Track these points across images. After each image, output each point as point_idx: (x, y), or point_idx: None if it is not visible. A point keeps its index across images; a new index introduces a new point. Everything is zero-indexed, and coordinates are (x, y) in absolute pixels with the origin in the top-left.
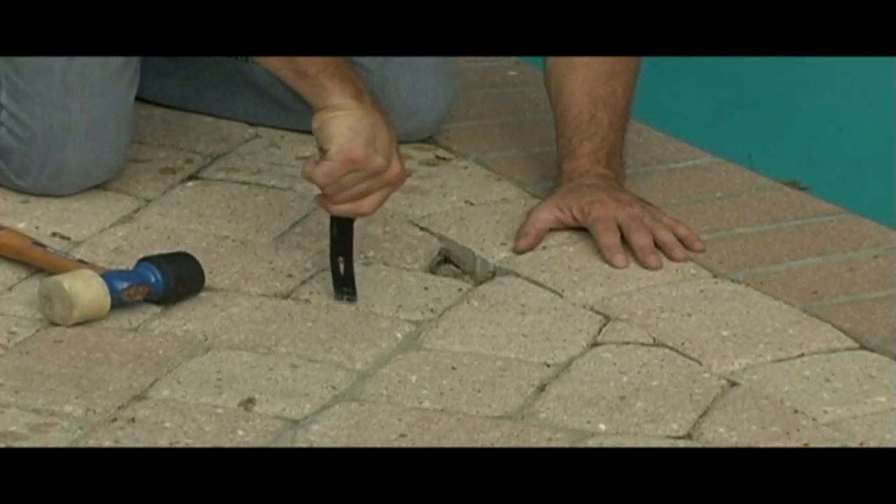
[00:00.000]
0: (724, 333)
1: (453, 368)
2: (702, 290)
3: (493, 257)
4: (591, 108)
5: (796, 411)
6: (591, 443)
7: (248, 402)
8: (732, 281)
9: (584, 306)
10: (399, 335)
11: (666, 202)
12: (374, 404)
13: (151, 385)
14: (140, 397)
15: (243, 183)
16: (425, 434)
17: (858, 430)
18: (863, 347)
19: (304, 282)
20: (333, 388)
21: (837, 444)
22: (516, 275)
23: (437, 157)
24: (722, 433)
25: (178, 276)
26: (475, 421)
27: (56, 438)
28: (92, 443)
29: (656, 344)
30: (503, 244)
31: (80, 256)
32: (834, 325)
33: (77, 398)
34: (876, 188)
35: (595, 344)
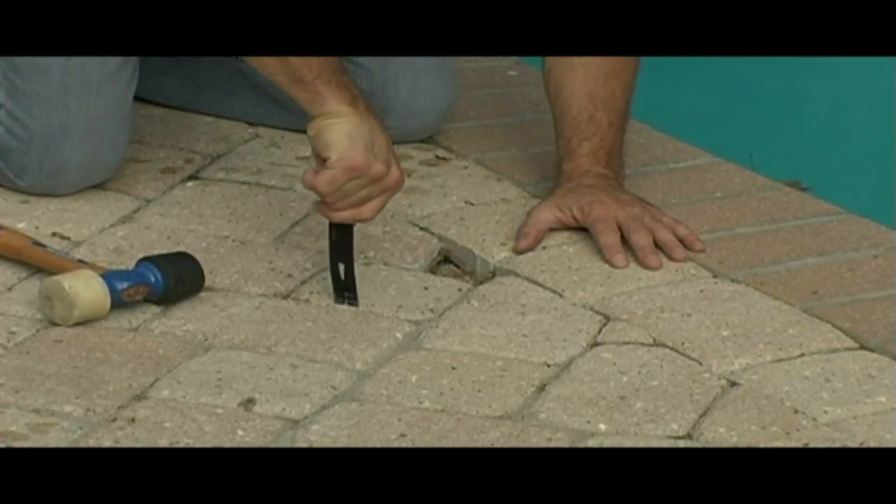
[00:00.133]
0: (724, 333)
1: (453, 368)
2: (702, 290)
3: (493, 257)
4: (590, 108)
5: (796, 411)
6: (591, 443)
7: (248, 402)
8: (732, 281)
9: (584, 306)
10: (399, 335)
11: (666, 202)
12: (374, 404)
13: (151, 385)
14: (140, 397)
15: (243, 183)
16: (425, 434)
17: (858, 430)
18: (863, 347)
19: (304, 282)
20: (333, 388)
21: (837, 444)
22: (516, 275)
23: (437, 157)
24: (722, 433)
25: (178, 276)
26: (475, 421)
27: (56, 438)
28: (92, 443)
29: (656, 344)
30: (503, 244)
31: (80, 256)
32: (834, 325)
33: (77, 398)
34: (876, 188)
35: (595, 344)
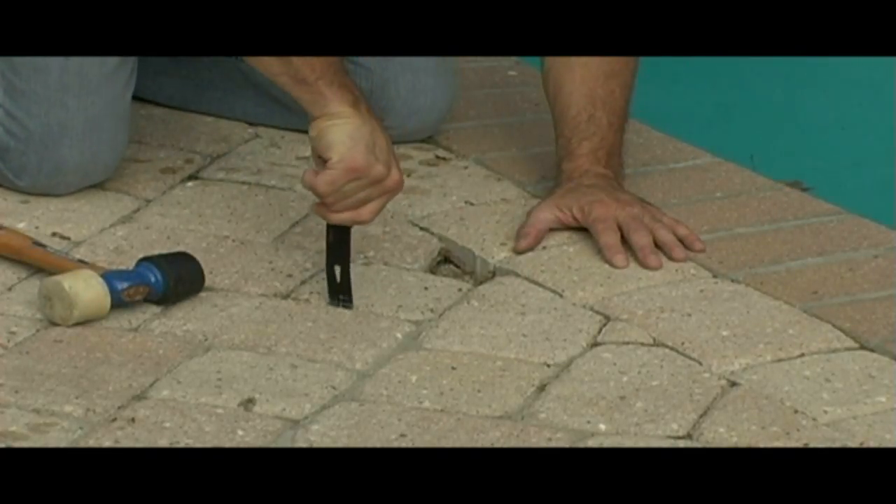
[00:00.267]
0: (724, 333)
1: (453, 368)
2: (702, 290)
3: (493, 257)
4: (589, 108)
5: (796, 411)
6: (591, 443)
7: (248, 402)
8: (732, 281)
9: (584, 306)
10: (399, 335)
11: (666, 202)
12: (374, 404)
13: (151, 385)
14: (140, 397)
15: (243, 183)
16: (425, 434)
17: (858, 430)
18: (863, 347)
19: (304, 282)
20: (333, 388)
21: (837, 444)
22: (516, 275)
23: (437, 157)
24: (722, 433)
25: (178, 276)
26: (475, 421)
27: (56, 438)
28: (92, 443)
29: (656, 344)
30: (503, 244)
31: (80, 256)
32: (834, 325)
33: (77, 398)
34: (876, 188)
35: (595, 344)
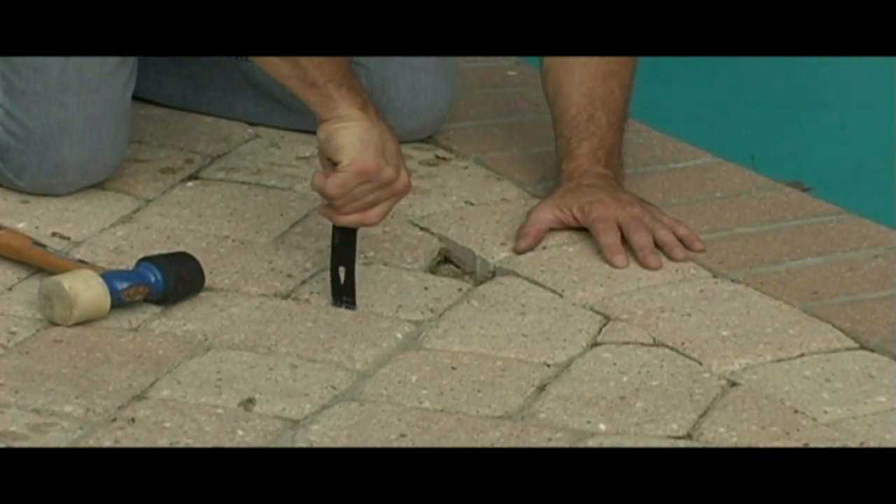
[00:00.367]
0: (724, 333)
1: (453, 368)
2: (702, 290)
3: (493, 257)
4: (589, 108)
5: (796, 411)
6: (591, 443)
7: (248, 402)
8: (732, 281)
9: (584, 306)
10: (399, 335)
11: (666, 202)
12: (374, 404)
13: (151, 385)
14: (140, 397)
15: (243, 183)
16: (425, 434)
17: (858, 430)
18: (863, 347)
19: (304, 282)
20: (333, 388)
21: (837, 444)
22: (516, 275)
23: (437, 157)
24: (722, 433)
25: (178, 276)
26: (475, 421)
27: (56, 438)
28: (92, 443)
29: (656, 344)
30: (503, 244)
31: (80, 256)
32: (834, 325)
33: (77, 398)
34: (876, 188)
35: (595, 344)
